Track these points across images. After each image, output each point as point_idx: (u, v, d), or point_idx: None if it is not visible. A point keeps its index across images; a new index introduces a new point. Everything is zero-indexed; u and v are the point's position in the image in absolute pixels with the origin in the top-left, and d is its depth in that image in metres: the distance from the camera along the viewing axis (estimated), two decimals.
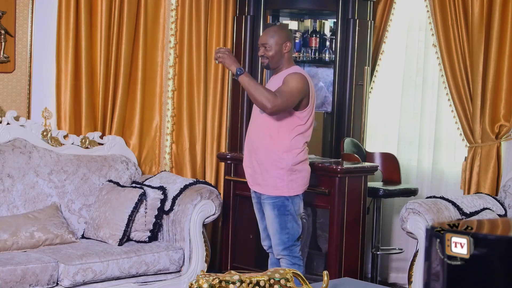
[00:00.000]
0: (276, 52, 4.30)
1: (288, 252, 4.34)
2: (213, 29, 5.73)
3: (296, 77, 4.21)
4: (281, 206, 4.30)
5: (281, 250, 4.35)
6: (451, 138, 5.56)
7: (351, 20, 5.28)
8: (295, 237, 4.35)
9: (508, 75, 5.00)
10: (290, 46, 4.33)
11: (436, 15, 5.24)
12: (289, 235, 4.33)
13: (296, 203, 4.34)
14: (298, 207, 4.35)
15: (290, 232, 4.33)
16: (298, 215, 4.37)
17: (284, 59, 4.32)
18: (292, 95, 4.16)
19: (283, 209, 4.30)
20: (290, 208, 4.31)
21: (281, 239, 4.33)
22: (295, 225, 4.35)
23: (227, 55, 4.24)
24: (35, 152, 4.90)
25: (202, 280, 3.14)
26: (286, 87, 4.17)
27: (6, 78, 5.00)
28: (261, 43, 4.36)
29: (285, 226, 4.32)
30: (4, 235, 4.43)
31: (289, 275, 3.30)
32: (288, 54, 4.32)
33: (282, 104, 4.12)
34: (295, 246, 4.37)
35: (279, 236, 4.33)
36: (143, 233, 4.82)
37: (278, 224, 4.32)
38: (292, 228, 4.33)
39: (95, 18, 5.23)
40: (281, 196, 4.30)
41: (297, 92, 4.17)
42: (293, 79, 4.19)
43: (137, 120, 5.46)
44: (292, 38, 4.46)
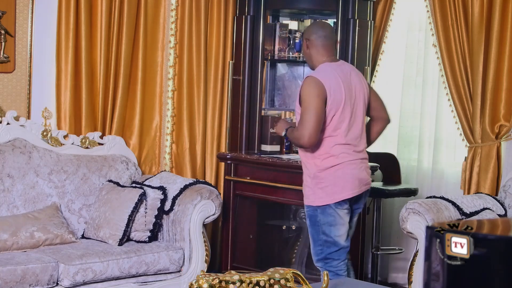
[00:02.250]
0: (303, 51, 4.24)
1: (322, 265, 4.13)
2: (213, 29, 5.73)
3: (305, 88, 4.00)
4: (311, 216, 4.13)
5: (315, 262, 4.20)
6: (451, 138, 5.56)
7: (351, 20, 5.28)
8: (329, 250, 4.12)
9: (508, 75, 4.99)
10: (308, 43, 4.15)
11: (436, 15, 5.24)
12: (322, 247, 4.12)
13: (328, 214, 4.07)
14: (332, 218, 4.07)
15: (323, 244, 4.12)
16: (333, 226, 4.08)
17: (312, 57, 4.17)
18: (307, 112, 3.95)
19: (313, 219, 4.12)
20: (320, 219, 4.09)
21: (314, 250, 4.18)
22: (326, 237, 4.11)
23: (280, 123, 4.30)
24: (35, 152, 4.90)
25: (202, 280, 3.14)
26: (302, 108, 3.99)
27: (6, 78, 5.00)
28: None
29: (317, 238, 4.13)
30: (4, 235, 4.43)
31: (289, 275, 3.30)
32: (310, 52, 4.16)
33: (305, 130, 3.94)
34: (331, 260, 4.13)
35: (313, 247, 4.18)
36: (143, 233, 4.82)
37: (311, 235, 4.17)
38: (324, 240, 4.11)
39: (95, 18, 5.23)
40: (310, 206, 4.13)
41: (310, 105, 3.95)
42: (304, 93, 4.00)
43: (137, 120, 5.46)
44: (311, 34, 4.17)
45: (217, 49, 5.74)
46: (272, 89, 5.89)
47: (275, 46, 5.60)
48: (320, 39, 4.14)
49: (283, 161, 5.12)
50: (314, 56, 4.17)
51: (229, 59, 5.74)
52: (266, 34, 5.56)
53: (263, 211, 5.57)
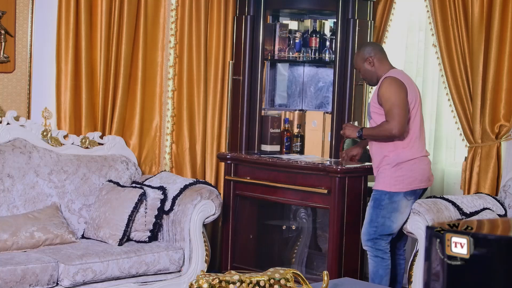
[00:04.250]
0: (365, 72, 4.70)
1: (372, 244, 4.59)
2: (213, 29, 5.73)
3: (387, 86, 4.52)
4: (377, 200, 4.58)
5: (365, 241, 4.62)
6: (451, 138, 5.56)
7: (351, 20, 5.28)
8: (383, 232, 4.57)
9: (508, 75, 4.99)
10: (372, 60, 4.66)
11: (436, 15, 5.24)
12: (377, 229, 4.57)
13: (395, 201, 4.56)
14: (396, 205, 4.56)
15: (378, 226, 4.57)
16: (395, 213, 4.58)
17: (377, 72, 4.67)
18: (398, 106, 4.48)
19: (378, 202, 4.58)
20: (386, 203, 4.56)
21: (367, 230, 4.60)
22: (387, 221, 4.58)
23: (348, 127, 4.76)
24: (35, 152, 4.90)
25: (202, 280, 3.14)
26: (387, 104, 4.50)
27: (6, 78, 5.00)
28: (355, 68, 4.89)
29: (375, 219, 4.58)
30: (4, 235, 4.43)
31: (289, 275, 3.30)
32: (375, 67, 4.66)
33: (397, 121, 4.46)
34: (380, 240, 4.59)
35: (367, 227, 4.60)
36: (143, 233, 4.82)
37: (369, 216, 4.60)
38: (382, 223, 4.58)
39: (95, 18, 5.23)
40: (380, 190, 4.60)
41: (398, 99, 4.49)
42: (386, 92, 4.52)
43: (137, 120, 5.46)
44: (373, 50, 4.70)
45: (217, 49, 5.74)
46: (272, 89, 5.90)
47: (275, 46, 5.61)
48: (379, 53, 4.71)
49: (283, 161, 5.12)
50: (378, 70, 4.67)
51: (229, 59, 5.74)
52: (266, 34, 5.56)
53: (263, 211, 5.57)
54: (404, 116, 4.50)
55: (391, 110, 4.50)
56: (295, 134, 5.52)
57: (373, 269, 4.61)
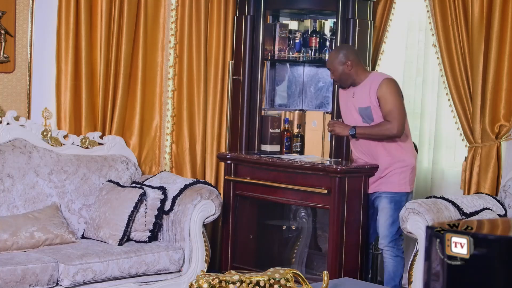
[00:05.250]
0: (341, 73, 4.79)
1: (394, 244, 4.78)
2: (213, 29, 5.73)
3: (387, 88, 4.64)
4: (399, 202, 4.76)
5: (388, 243, 4.78)
6: (451, 138, 5.56)
7: (351, 20, 5.28)
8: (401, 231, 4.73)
9: (508, 75, 4.99)
10: (351, 63, 4.75)
11: (436, 15, 5.24)
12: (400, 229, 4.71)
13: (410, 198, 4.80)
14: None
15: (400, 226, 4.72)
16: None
17: (356, 73, 4.77)
18: (398, 107, 4.64)
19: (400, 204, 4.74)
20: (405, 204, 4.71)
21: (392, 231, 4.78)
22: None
23: (337, 124, 4.85)
24: (35, 152, 4.90)
25: (202, 280, 3.14)
26: (388, 104, 4.63)
27: (6, 78, 5.00)
28: (327, 67, 4.91)
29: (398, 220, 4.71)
30: (4, 235, 4.43)
31: (289, 275, 3.30)
32: (354, 70, 4.76)
33: (399, 122, 4.62)
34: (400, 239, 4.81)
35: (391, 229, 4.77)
36: (143, 233, 4.82)
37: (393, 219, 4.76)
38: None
39: (95, 18, 5.23)
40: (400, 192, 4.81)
41: (399, 101, 4.65)
42: (387, 93, 4.64)
43: (137, 120, 5.46)
44: (351, 54, 4.80)
45: (217, 49, 5.74)
46: (272, 89, 5.90)
47: (275, 46, 5.60)
48: (356, 57, 4.82)
49: (283, 161, 5.12)
50: (358, 71, 4.78)
51: (229, 59, 5.74)
52: (266, 34, 5.56)
53: (263, 211, 5.57)
54: (404, 117, 4.67)
55: (393, 110, 4.62)
56: (295, 134, 5.52)
57: (393, 268, 4.76)
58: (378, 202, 4.84)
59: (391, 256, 4.75)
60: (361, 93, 4.76)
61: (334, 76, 4.85)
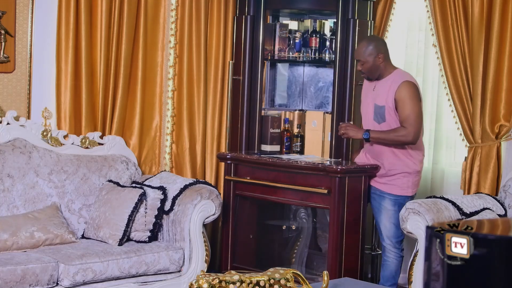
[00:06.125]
0: (371, 65, 4.72)
1: (399, 245, 4.82)
2: (213, 29, 5.73)
3: (408, 91, 4.59)
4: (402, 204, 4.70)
5: (395, 244, 4.81)
6: (451, 138, 5.56)
7: (351, 20, 5.28)
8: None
9: (508, 75, 4.99)
10: (383, 56, 4.70)
11: (436, 15, 5.24)
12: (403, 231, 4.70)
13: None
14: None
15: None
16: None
17: (381, 68, 4.72)
18: (416, 113, 4.59)
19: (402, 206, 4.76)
20: None
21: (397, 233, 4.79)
22: None
23: (350, 127, 4.81)
24: (35, 152, 4.90)
25: (202, 280, 3.14)
26: (406, 109, 4.58)
27: (6, 78, 5.00)
28: (356, 59, 4.83)
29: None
30: (4, 235, 4.43)
31: (289, 275, 3.30)
32: (383, 64, 4.71)
33: (415, 128, 4.58)
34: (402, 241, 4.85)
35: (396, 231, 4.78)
36: (143, 233, 4.82)
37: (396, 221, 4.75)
38: None
39: (95, 18, 5.23)
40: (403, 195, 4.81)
41: (417, 106, 4.60)
42: (406, 97, 4.58)
43: (137, 120, 5.46)
44: (382, 46, 4.77)
45: (217, 49, 5.74)
46: (272, 89, 5.90)
47: (275, 46, 5.60)
48: (387, 50, 4.78)
49: (283, 161, 5.12)
50: (387, 65, 4.74)
51: (229, 59, 5.74)
52: (266, 34, 5.56)
53: (263, 211, 5.57)
54: (421, 124, 4.64)
55: (410, 116, 4.59)
56: (295, 134, 5.52)
57: (395, 268, 4.81)
58: (380, 200, 4.84)
59: (395, 257, 4.80)
60: (381, 88, 4.73)
61: (364, 68, 4.75)
